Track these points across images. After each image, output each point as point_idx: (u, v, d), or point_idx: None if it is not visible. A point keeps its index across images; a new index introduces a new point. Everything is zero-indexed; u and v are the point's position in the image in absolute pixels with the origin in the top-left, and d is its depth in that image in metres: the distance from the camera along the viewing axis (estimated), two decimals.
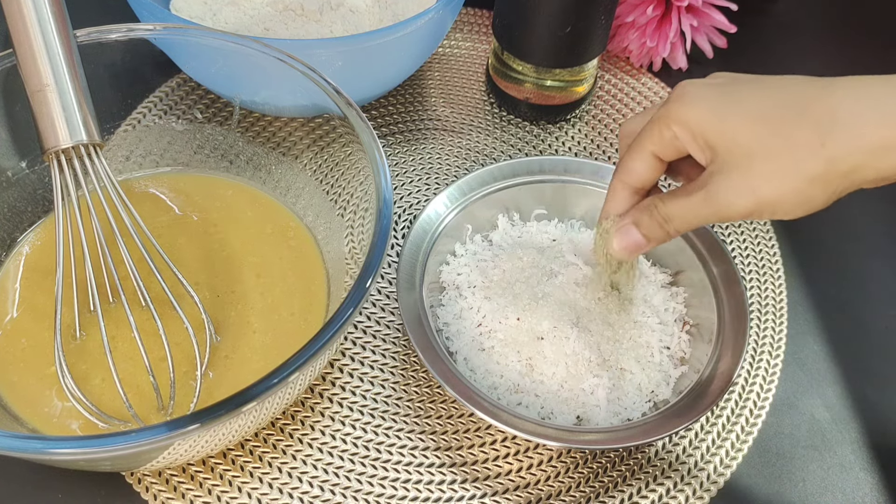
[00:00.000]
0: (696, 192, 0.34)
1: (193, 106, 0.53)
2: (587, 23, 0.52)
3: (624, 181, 0.38)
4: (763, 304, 0.50)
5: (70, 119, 0.38)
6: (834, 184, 0.32)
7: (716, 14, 0.62)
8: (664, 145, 0.35)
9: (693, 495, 0.42)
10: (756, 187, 0.32)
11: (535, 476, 0.42)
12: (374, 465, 0.42)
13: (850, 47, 0.69)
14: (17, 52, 0.38)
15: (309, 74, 0.43)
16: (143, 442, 0.30)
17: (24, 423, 0.38)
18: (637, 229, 0.38)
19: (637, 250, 0.38)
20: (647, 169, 0.37)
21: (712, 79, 0.35)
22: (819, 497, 0.42)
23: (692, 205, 0.35)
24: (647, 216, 0.37)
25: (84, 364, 0.40)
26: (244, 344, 0.42)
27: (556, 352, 0.42)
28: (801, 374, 0.47)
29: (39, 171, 0.45)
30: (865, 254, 0.54)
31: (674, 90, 0.35)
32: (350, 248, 0.45)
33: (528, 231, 0.50)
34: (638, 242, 0.38)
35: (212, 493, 0.40)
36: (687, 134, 0.34)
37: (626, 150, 0.38)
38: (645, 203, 0.38)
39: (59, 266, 0.38)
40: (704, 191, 0.34)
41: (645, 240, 0.38)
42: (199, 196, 0.48)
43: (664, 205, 0.36)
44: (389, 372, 0.45)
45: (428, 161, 0.57)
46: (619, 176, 0.38)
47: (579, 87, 0.58)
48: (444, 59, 0.64)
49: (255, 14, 0.54)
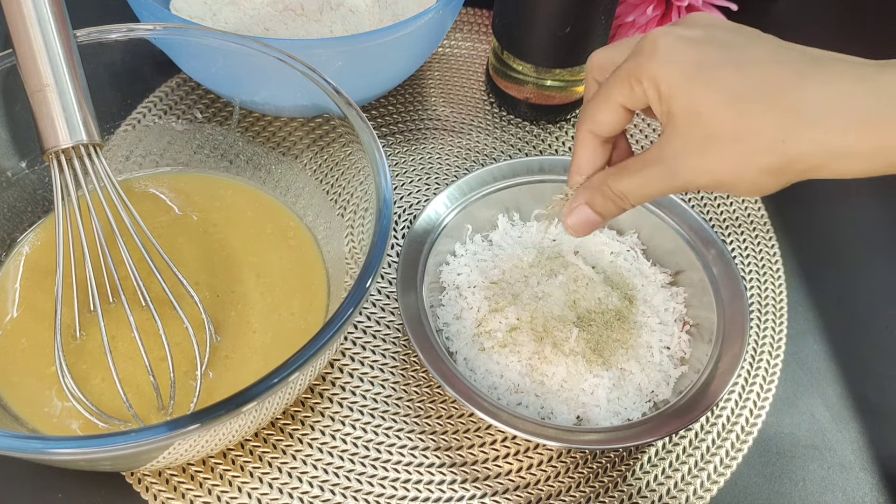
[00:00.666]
0: (654, 166, 0.34)
1: (193, 106, 0.53)
2: (587, 23, 0.52)
3: (592, 131, 0.37)
4: (763, 304, 0.50)
5: (70, 119, 0.38)
6: (788, 177, 0.31)
7: (716, 14, 0.62)
8: (634, 98, 0.35)
9: (693, 495, 0.42)
10: (713, 169, 0.32)
11: (535, 476, 0.42)
12: (374, 465, 0.42)
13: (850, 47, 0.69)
14: (17, 52, 0.38)
15: (309, 74, 0.43)
16: (143, 442, 0.30)
17: (24, 423, 0.38)
18: (590, 208, 0.37)
19: (591, 228, 0.38)
20: (615, 119, 0.36)
21: (688, 28, 0.34)
22: (819, 497, 0.42)
23: (649, 179, 0.34)
24: (600, 196, 0.37)
25: (84, 364, 0.40)
26: (244, 344, 0.42)
27: (556, 352, 0.42)
28: (801, 374, 0.47)
29: (39, 171, 0.45)
30: (865, 254, 0.54)
31: (646, 39, 0.34)
32: (350, 248, 0.45)
33: (528, 231, 0.50)
34: (592, 220, 0.38)
35: (212, 493, 0.40)
36: (654, 93, 0.33)
37: (594, 97, 0.37)
38: (595, 182, 0.37)
39: (59, 266, 0.38)
40: (662, 166, 0.33)
41: (599, 217, 0.37)
42: (199, 196, 0.48)
43: (618, 181, 0.36)
44: (389, 372, 0.45)
45: (428, 161, 0.57)
46: (586, 125, 0.37)
47: (579, 87, 0.58)
48: (444, 59, 0.64)
49: (255, 14, 0.54)
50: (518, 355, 0.43)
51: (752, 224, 0.55)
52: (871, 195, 0.57)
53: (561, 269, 0.46)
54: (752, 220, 0.55)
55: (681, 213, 0.48)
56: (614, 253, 0.48)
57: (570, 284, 0.45)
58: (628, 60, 0.34)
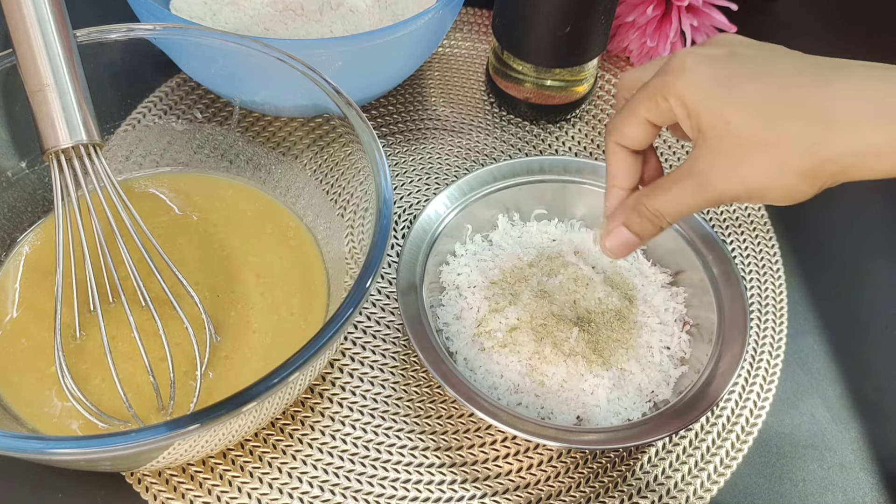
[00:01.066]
0: (686, 181, 0.34)
1: (193, 106, 0.53)
2: (587, 22, 0.52)
3: (619, 143, 0.38)
4: (763, 304, 0.50)
5: (70, 119, 0.38)
6: (822, 180, 0.32)
7: (716, 14, 0.61)
8: (660, 114, 0.35)
9: (693, 495, 0.42)
10: (745, 178, 0.32)
11: (535, 476, 0.42)
12: (374, 465, 0.42)
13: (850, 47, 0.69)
14: (17, 52, 0.38)
15: (309, 74, 0.43)
16: (143, 442, 0.30)
17: (24, 423, 0.38)
18: (628, 229, 0.38)
19: (630, 249, 0.38)
20: (642, 134, 0.37)
21: (713, 47, 0.35)
22: (819, 497, 0.42)
23: (683, 195, 0.35)
24: (637, 216, 0.37)
25: (84, 364, 0.40)
26: (244, 344, 0.42)
27: (556, 352, 0.42)
28: (801, 374, 0.47)
29: (39, 171, 0.45)
30: (865, 254, 0.54)
31: (673, 58, 0.35)
32: (350, 248, 0.45)
33: (528, 231, 0.50)
34: (630, 241, 0.38)
35: (212, 493, 0.40)
36: (682, 110, 0.34)
37: (621, 110, 0.37)
38: (631, 202, 0.37)
39: (59, 266, 0.38)
40: (696, 181, 0.34)
41: (637, 238, 0.38)
42: (199, 196, 0.48)
43: (652, 200, 0.36)
44: (389, 372, 0.45)
45: (428, 161, 0.57)
46: (613, 136, 0.38)
47: (579, 87, 0.58)
48: (444, 59, 0.64)
49: (255, 14, 0.54)
50: (518, 355, 0.43)
51: (752, 224, 0.55)
52: (871, 195, 0.57)
53: (561, 269, 0.46)
54: (752, 220, 0.55)
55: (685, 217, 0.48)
56: None
57: (570, 284, 0.45)
58: (655, 78, 0.35)
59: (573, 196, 0.50)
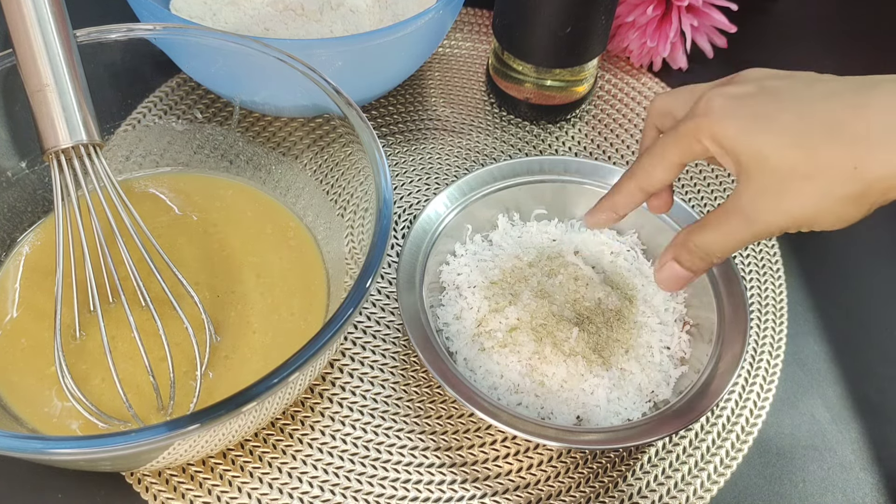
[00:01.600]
0: (732, 217, 0.34)
1: (193, 106, 0.53)
2: (587, 23, 0.52)
3: (641, 186, 0.38)
4: (763, 304, 0.50)
5: (70, 119, 0.38)
6: (869, 202, 0.32)
7: (716, 14, 0.62)
8: (693, 155, 0.35)
9: (693, 495, 0.42)
10: (791, 210, 0.32)
11: (535, 476, 0.42)
12: (374, 465, 0.42)
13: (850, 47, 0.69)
14: (17, 52, 0.38)
15: (309, 74, 0.43)
16: (143, 442, 0.30)
17: (24, 423, 0.38)
18: (678, 265, 0.38)
19: (684, 283, 0.39)
20: (669, 176, 0.37)
21: (740, 85, 0.34)
22: (819, 497, 0.42)
23: (730, 231, 0.35)
24: (686, 252, 0.37)
25: (84, 364, 0.40)
26: (244, 344, 0.42)
27: (556, 352, 0.42)
28: (801, 374, 0.47)
29: (39, 171, 0.45)
30: (865, 254, 0.54)
31: (701, 101, 0.35)
32: (350, 248, 0.45)
33: (528, 231, 0.50)
34: (681, 275, 0.38)
35: (212, 493, 0.40)
36: (718, 148, 0.34)
37: (648, 152, 0.37)
38: (680, 239, 0.37)
39: (59, 266, 0.38)
40: (741, 216, 0.34)
41: (689, 273, 0.38)
42: (199, 196, 0.48)
43: (700, 237, 0.36)
44: (389, 372, 0.45)
45: (428, 161, 0.57)
46: (636, 180, 0.38)
47: (579, 87, 0.58)
48: (444, 59, 0.64)
49: (255, 14, 0.54)
50: (518, 355, 0.43)
51: None
52: None
53: (561, 269, 0.46)
54: None
55: (681, 214, 0.48)
56: (614, 253, 0.48)
57: (570, 284, 0.45)
58: (685, 121, 0.35)
59: (573, 196, 0.50)
